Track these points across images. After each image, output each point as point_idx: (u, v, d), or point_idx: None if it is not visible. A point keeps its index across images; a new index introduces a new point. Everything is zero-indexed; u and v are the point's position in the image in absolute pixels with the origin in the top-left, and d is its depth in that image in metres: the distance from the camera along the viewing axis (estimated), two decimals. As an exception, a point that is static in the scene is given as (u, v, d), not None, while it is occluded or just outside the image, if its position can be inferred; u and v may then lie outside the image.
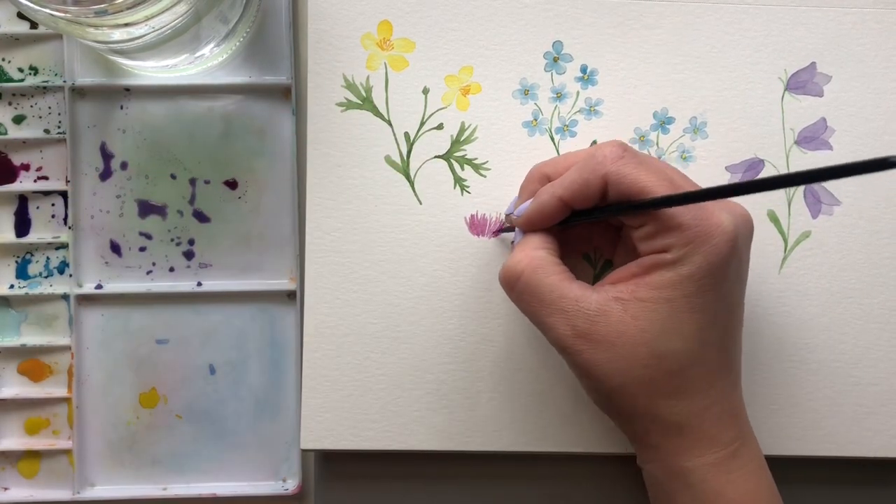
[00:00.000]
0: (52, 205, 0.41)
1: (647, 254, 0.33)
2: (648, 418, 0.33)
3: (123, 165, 0.41)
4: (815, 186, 0.40)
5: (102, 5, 0.30)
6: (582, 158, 0.34)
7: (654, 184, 0.32)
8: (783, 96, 0.40)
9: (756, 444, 0.35)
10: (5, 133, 0.41)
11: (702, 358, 0.33)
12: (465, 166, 0.40)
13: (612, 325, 0.32)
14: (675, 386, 0.33)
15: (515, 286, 0.34)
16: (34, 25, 0.40)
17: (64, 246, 0.41)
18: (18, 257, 0.41)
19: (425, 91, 0.40)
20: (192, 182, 0.41)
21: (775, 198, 0.40)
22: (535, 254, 0.34)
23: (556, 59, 0.40)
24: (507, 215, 0.38)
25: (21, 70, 0.40)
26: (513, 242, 0.37)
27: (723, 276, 0.32)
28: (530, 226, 0.35)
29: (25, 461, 0.41)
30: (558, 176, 0.35)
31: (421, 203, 0.40)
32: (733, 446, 0.33)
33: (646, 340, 0.32)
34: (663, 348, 0.32)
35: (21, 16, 0.40)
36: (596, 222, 0.36)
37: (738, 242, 0.32)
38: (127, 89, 0.40)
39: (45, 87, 0.40)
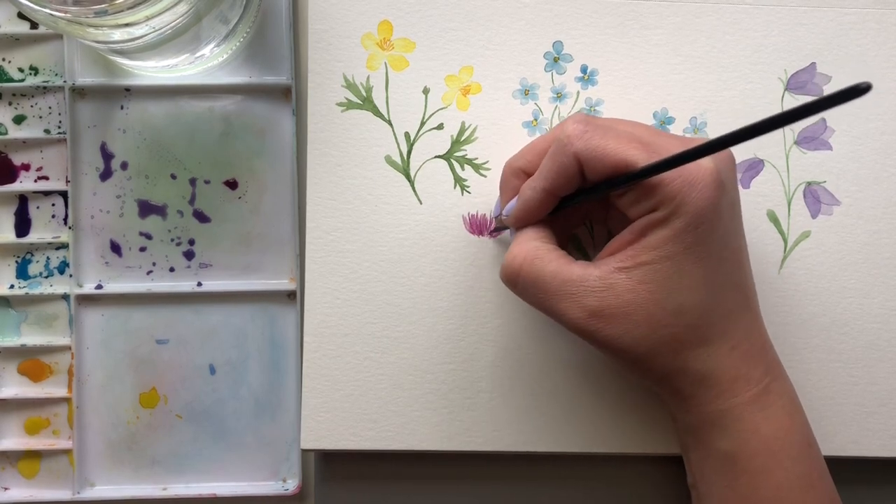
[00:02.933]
0: (53, 205, 0.41)
1: (637, 217, 0.32)
2: (680, 373, 0.33)
3: (124, 165, 0.41)
4: (815, 187, 0.40)
5: (102, 5, 0.30)
6: (550, 143, 0.34)
7: (624, 150, 0.31)
8: (783, 96, 0.40)
9: (787, 380, 0.35)
10: (5, 133, 0.41)
11: (718, 303, 0.33)
12: (466, 166, 0.40)
13: (622, 295, 0.32)
14: (699, 336, 0.33)
15: (517, 282, 0.34)
16: (34, 25, 0.40)
17: (64, 246, 0.41)
18: (18, 257, 0.41)
19: (425, 91, 0.40)
20: (193, 182, 0.41)
21: (775, 198, 0.40)
22: (530, 245, 0.34)
23: (556, 59, 0.40)
24: (496, 217, 0.38)
25: (21, 70, 0.40)
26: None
27: (717, 218, 0.32)
28: (521, 223, 0.35)
29: (25, 461, 0.41)
30: (532, 166, 0.35)
31: (421, 203, 0.40)
32: (764, 382, 0.33)
33: (658, 301, 0.32)
34: (678, 304, 0.32)
35: (21, 16, 0.40)
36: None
37: (724, 179, 0.32)
38: (127, 89, 0.40)
39: (45, 87, 0.40)
